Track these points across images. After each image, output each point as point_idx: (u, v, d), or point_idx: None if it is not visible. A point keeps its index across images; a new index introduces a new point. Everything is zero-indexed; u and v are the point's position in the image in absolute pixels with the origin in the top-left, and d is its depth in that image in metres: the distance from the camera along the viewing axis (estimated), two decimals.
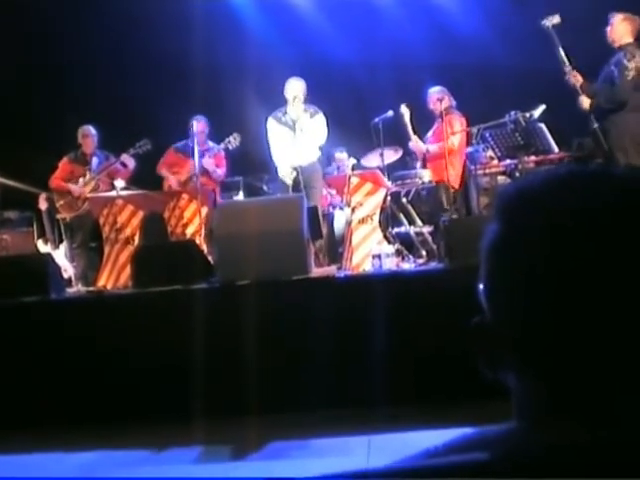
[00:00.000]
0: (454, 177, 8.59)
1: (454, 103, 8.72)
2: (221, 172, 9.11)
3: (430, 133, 8.83)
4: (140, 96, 9.89)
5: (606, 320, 0.81)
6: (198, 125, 8.86)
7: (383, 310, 5.49)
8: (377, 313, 5.47)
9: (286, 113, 8.31)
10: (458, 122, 8.61)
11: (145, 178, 9.13)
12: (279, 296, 5.85)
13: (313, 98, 8.43)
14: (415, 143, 8.71)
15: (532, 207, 0.86)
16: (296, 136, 8.19)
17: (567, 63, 7.51)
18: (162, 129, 9.28)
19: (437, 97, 8.60)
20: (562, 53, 7.52)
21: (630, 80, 7.18)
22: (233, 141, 8.78)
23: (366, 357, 5.43)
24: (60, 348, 5.93)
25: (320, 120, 8.30)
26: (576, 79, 7.46)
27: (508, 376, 0.90)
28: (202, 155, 8.79)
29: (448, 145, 8.43)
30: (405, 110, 8.57)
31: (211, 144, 8.91)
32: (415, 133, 8.71)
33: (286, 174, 8.19)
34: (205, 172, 8.80)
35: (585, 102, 7.41)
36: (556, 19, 7.57)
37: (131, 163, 8.95)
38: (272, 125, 8.37)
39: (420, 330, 5.59)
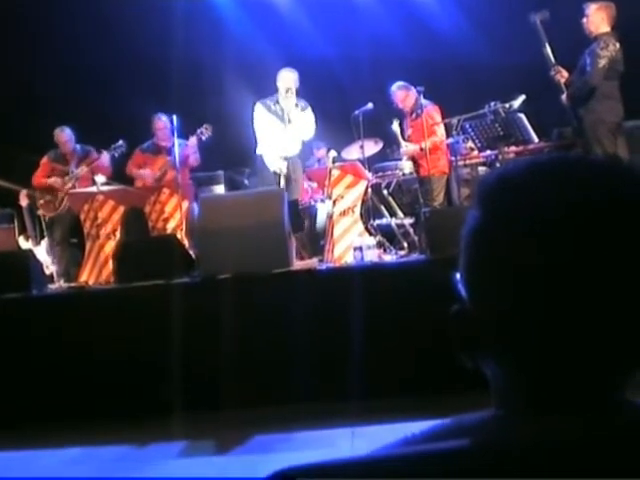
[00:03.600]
0: (445, 164, 8.62)
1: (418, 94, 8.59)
2: (198, 156, 9.01)
3: (410, 131, 8.80)
4: (117, 96, 9.81)
5: (596, 311, 0.80)
6: (158, 123, 9.01)
7: (365, 302, 5.50)
8: (359, 305, 5.47)
9: (277, 103, 8.23)
10: (435, 112, 8.59)
11: (124, 177, 9.08)
12: (261, 289, 5.86)
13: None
14: (407, 148, 8.70)
15: (515, 196, 0.85)
16: (286, 128, 8.15)
17: (553, 60, 7.51)
18: (138, 129, 9.21)
19: (406, 94, 8.59)
20: (548, 49, 7.51)
21: (601, 68, 7.17)
22: (205, 131, 8.72)
23: (348, 349, 5.43)
24: (42, 344, 5.92)
25: (310, 115, 8.27)
26: (561, 75, 7.45)
27: (487, 365, 0.90)
28: (171, 151, 8.76)
29: (439, 137, 8.46)
30: (396, 126, 8.66)
31: (179, 140, 8.74)
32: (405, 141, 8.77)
33: (274, 164, 8.16)
34: (182, 163, 8.69)
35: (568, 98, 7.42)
36: (544, 14, 7.55)
37: (106, 160, 8.90)
38: (261, 112, 8.27)
39: (402, 322, 5.60)
